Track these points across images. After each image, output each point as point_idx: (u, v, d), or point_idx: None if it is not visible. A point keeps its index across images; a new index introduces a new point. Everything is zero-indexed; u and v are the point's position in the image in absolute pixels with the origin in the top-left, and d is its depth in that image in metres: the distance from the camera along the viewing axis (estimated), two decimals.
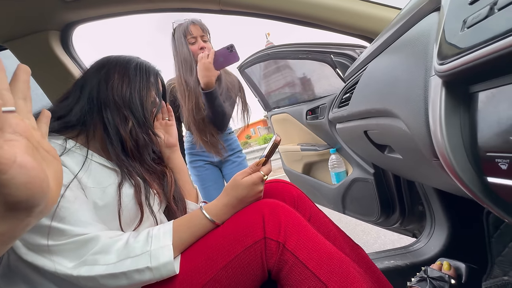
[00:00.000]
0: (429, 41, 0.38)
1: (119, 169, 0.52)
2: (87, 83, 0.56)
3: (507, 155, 0.24)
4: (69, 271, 0.40)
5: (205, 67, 0.94)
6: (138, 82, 0.57)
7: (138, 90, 0.57)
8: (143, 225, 0.54)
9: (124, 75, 0.57)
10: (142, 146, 0.55)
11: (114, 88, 0.55)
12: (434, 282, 0.63)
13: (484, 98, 0.27)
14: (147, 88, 0.58)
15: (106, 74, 0.57)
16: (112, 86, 0.55)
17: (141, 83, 0.58)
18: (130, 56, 0.62)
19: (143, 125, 0.56)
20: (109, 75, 0.57)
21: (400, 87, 0.44)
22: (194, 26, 1.05)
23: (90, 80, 0.57)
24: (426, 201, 0.92)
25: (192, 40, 1.06)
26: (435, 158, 0.34)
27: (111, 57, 0.61)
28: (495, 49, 0.24)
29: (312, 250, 0.46)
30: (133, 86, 0.56)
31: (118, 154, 0.53)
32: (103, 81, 0.56)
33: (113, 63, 0.59)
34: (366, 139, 0.70)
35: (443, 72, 0.30)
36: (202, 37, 1.07)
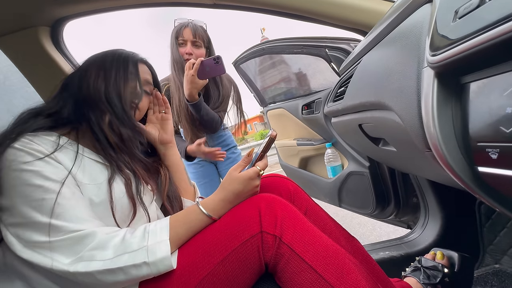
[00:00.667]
0: (421, 33, 0.38)
1: (109, 164, 0.52)
2: (71, 81, 0.56)
3: (497, 145, 0.24)
4: (65, 267, 0.40)
5: (187, 79, 0.93)
6: (114, 74, 0.55)
7: (114, 82, 0.55)
8: (140, 221, 0.53)
9: (100, 69, 0.56)
10: (127, 140, 0.54)
11: (90, 84, 0.54)
12: (428, 271, 0.65)
13: (475, 88, 0.28)
14: (124, 79, 0.56)
15: (84, 70, 0.56)
16: (89, 82, 0.54)
17: (117, 74, 0.55)
18: (112, 50, 0.60)
19: (122, 118, 0.54)
20: (86, 71, 0.56)
21: (393, 80, 0.44)
22: (186, 29, 1.04)
23: (73, 78, 0.56)
24: (420, 193, 0.94)
25: (182, 42, 1.05)
26: (427, 149, 0.34)
27: (96, 54, 0.60)
28: (486, 39, 0.24)
29: (308, 243, 0.47)
30: (108, 79, 0.55)
31: (106, 149, 0.52)
32: (82, 78, 0.55)
33: (93, 58, 0.58)
34: (361, 133, 0.70)
35: (435, 63, 0.30)
36: (193, 42, 1.05)
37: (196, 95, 0.97)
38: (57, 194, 0.42)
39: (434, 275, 0.64)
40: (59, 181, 0.43)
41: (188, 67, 0.93)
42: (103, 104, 0.53)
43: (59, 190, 0.42)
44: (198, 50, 1.06)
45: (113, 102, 0.53)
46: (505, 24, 0.23)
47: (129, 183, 0.52)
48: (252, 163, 0.56)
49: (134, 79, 0.57)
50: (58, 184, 0.43)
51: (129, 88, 0.57)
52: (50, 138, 0.48)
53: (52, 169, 0.44)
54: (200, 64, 0.91)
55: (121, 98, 0.54)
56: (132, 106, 0.58)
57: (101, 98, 0.53)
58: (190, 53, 1.04)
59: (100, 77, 0.55)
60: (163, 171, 0.63)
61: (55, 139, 0.49)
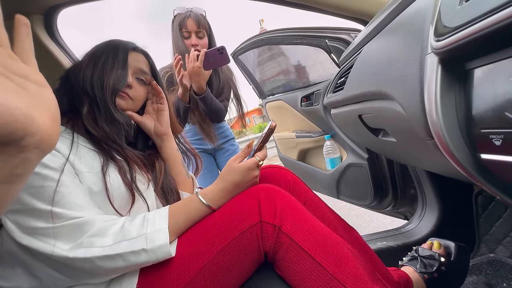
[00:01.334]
0: (425, 19, 0.38)
1: (101, 153, 0.51)
2: (69, 74, 0.55)
3: (501, 131, 0.24)
4: (65, 253, 0.40)
5: (194, 72, 0.92)
6: (101, 62, 0.54)
7: (100, 70, 0.54)
8: (140, 209, 0.53)
9: (91, 59, 0.55)
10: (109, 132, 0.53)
11: (81, 75, 0.53)
12: (424, 260, 0.66)
13: (480, 74, 0.27)
14: (111, 67, 0.54)
15: (80, 62, 0.55)
16: (79, 73, 0.54)
17: (105, 62, 0.54)
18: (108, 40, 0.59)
19: (102, 107, 0.53)
20: (81, 63, 0.55)
21: (395, 68, 0.44)
22: (189, 20, 1.01)
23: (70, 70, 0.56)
24: (418, 184, 0.94)
25: (186, 34, 1.03)
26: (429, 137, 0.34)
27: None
28: (493, 22, 0.24)
29: (307, 232, 0.47)
30: (95, 68, 0.54)
31: (95, 139, 0.52)
32: (77, 70, 0.54)
33: (90, 50, 0.57)
34: (361, 123, 0.70)
35: (439, 49, 0.29)
36: (197, 33, 1.03)
37: (204, 87, 0.96)
38: (56, 181, 0.42)
39: (430, 264, 0.65)
40: (58, 168, 0.43)
41: (192, 59, 0.91)
42: (86, 95, 0.52)
43: (58, 177, 0.42)
44: (202, 40, 1.04)
45: (95, 92, 0.52)
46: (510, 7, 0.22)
47: (123, 170, 0.52)
48: (252, 154, 0.56)
49: (120, 65, 0.56)
50: (56, 172, 0.42)
51: (115, 76, 0.54)
52: None
53: (51, 157, 0.43)
54: (204, 56, 0.90)
55: (103, 87, 0.53)
56: (122, 96, 0.57)
57: (85, 88, 0.52)
58: (195, 44, 1.02)
59: (89, 67, 0.54)
60: (158, 164, 0.62)
61: None
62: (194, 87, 0.96)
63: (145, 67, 0.61)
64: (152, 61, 0.64)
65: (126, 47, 0.58)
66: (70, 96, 0.53)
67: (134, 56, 0.59)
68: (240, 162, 0.55)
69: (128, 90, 0.58)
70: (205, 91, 0.97)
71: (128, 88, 0.58)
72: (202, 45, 1.04)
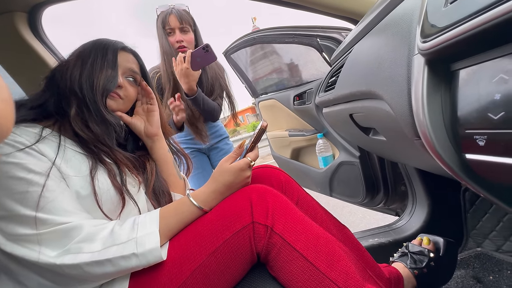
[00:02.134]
0: (412, 20, 0.38)
1: (91, 157, 0.50)
2: (55, 74, 0.53)
3: (484, 131, 0.24)
4: (52, 260, 0.39)
5: (182, 74, 0.91)
6: (90, 62, 0.53)
7: (88, 71, 0.52)
8: (130, 213, 0.52)
9: (78, 58, 0.53)
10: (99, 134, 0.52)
11: (68, 75, 0.52)
12: (414, 256, 0.67)
13: (465, 75, 0.28)
14: (100, 67, 0.53)
15: (67, 62, 0.54)
16: (67, 73, 0.52)
17: (93, 63, 0.53)
18: (96, 39, 0.57)
19: (93, 110, 0.51)
20: (68, 62, 0.53)
21: (384, 68, 0.44)
22: (171, 16, 1.00)
23: (57, 70, 0.54)
24: (408, 181, 0.96)
25: (170, 31, 1.02)
26: (416, 137, 0.35)
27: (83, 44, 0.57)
28: (477, 24, 0.24)
29: (299, 232, 0.47)
30: (83, 68, 0.52)
31: (83, 141, 0.51)
32: (64, 69, 0.53)
33: (78, 49, 0.55)
34: (352, 123, 0.71)
35: (425, 50, 0.29)
36: (181, 28, 1.02)
37: (195, 87, 0.95)
38: (41, 186, 0.40)
39: (420, 259, 0.66)
40: (43, 173, 0.42)
41: (179, 61, 0.91)
42: (75, 96, 0.51)
43: (43, 182, 0.41)
44: (187, 35, 1.03)
45: (85, 93, 0.51)
46: (495, 9, 0.22)
47: (112, 173, 0.51)
48: (243, 154, 0.56)
49: (110, 66, 0.54)
50: (42, 177, 0.41)
51: (105, 77, 0.53)
52: (33, 130, 0.46)
53: (35, 161, 0.42)
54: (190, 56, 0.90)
55: (93, 88, 0.52)
56: (113, 96, 0.56)
57: (74, 89, 0.51)
58: (180, 40, 1.01)
59: (77, 67, 0.52)
60: (149, 165, 0.61)
61: (38, 131, 0.47)
62: (184, 89, 0.95)
63: (135, 67, 0.60)
64: (141, 61, 0.63)
65: (115, 46, 0.57)
66: (56, 97, 0.52)
67: (124, 56, 0.58)
68: (231, 163, 0.54)
69: (119, 91, 0.57)
70: (196, 92, 0.97)
71: (119, 89, 0.56)
72: (188, 40, 1.03)
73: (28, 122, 0.48)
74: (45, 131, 0.47)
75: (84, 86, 0.51)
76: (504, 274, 0.74)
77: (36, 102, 0.51)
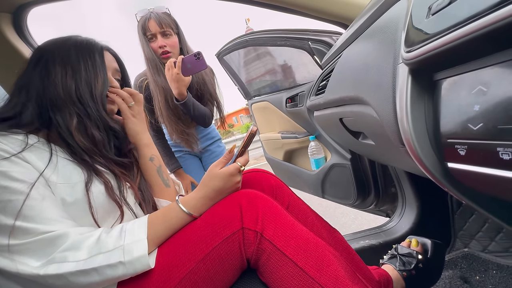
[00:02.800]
0: (398, 28, 0.39)
1: (85, 169, 0.49)
2: (31, 83, 0.50)
3: (465, 141, 0.25)
4: (35, 271, 0.38)
5: (173, 79, 0.90)
6: (82, 69, 0.51)
7: (85, 78, 0.51)
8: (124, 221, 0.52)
9: (66, 65, 0.51)
10: (99, 143, 0.50)
11: (58, 84, 0.49)
12: (403, 258, 0.68)
13: (447, 85, 0.28)
14: (94, 73, 0.52)
15: (46, 69, 0.50)
16: (55, 81, 0.50)
17: (86, 69, 0.51)
18: (66, 37, 0.54)
19: (96, 119, 0.50)
20: (49, 70, 0.50)
21: (371, 75, 0.45)
22: (151, 21, 0.97)
23: (33, 78, 0.50)
24: (398, 183, 0.97)
25: (151, 37, 0.99)
26: (401, 145, 0.35)
27: (46, 45, 0.54)
28: (457, 36, 0.25)
29: (289, 237, 0.47)
30: (78, 76, 0.50)
31: (78, 153, 0.49)
32: (46, 78, 0.50)
33: (50, 52, 0.52)
34: (342, 126, 0.71)
35: (409, 60, 0.30)
36: (162, 33, 0.98)
37: (185, 93, 0.94)
38: (24, 195, 0.39)
39: (409, 261, 0.67)
40: (27, 181, 0.41)
41: (170, 66, 0.90)
42: (73, 106, 0.49)
43: (27, 191, 0.40)
44: (169, 39, 1.00)
45: (85, 102, 0.50)
46: (474, 23, 0.23)
47: (109, 186, 0.50)
48: (233, 159, 0.56)
49: (102, 70, 0.54)
50: (25, 185, 0.40)
51: (100, 83, 0.53)
52: (17, 137, 0.45)
53: (20, 169, 0.41)
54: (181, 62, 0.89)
55: (93, 96, 0.51)
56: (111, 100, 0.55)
57: (72, 99, 0.49)
58: (163, 45, 0.98)
59: (68, 75, 0.50)
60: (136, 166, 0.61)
61: (23, 137, 0.45)
62: (175, 94, 0.95)
63: (116, 65, 0.60)
64: (119, 58, 0.62)
65: (99, 47, 0.56)
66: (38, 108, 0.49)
67: (108, 56, 0.58)
68: (221, 168, 0.54)
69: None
70: (186, 97, 0.96)
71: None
72: (170, 44, 1.00)
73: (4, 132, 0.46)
74: (30, 138, 0.46)
75: (84, 97, 0.50)
76: (490, 274, 0.76)
77: (8, 113, 0.49)
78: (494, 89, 0.22)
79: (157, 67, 0.99)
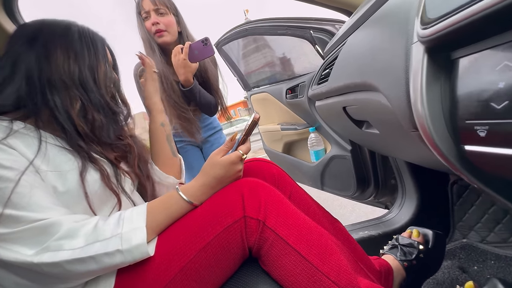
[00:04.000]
0: (411, 8, 0.37)
1: (79, 156, 0.47)
2: (20, 59, 0.48)
3: (486, 122, 0.23)
4: (29, 259, 0.36)
5: (179, 64, 0.89)
6: (86, 55, 0.51)
7: (89, 65, 0.51)
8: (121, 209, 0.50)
9: (68, 49, 0.50)
10: (99, 128, 0.50)
11: (60, 66, 0.48)
12: (404, 248, 0.68)
13: (466, 64, 0.27)
14: (97, 60, 0.52)
15: (45, 48, 0.49)
16: (57, 63, 0.48)
17: (89, 55, 0.51)
18: (68, 22, 0.53)
19: (99, 104, 0.50)
20: (49, 50, 0.49)
21: (380, 59, 0.43)
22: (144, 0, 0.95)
23: (24, 54, 0.48)
24: (398, 175, 0.97)
25: (145, 15, 0.96)
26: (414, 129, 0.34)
27: (44, 23, 0.52)
28: (478, 9, 0.23)
29: (291, 226, 0.46)
30: (81, 62, 0.50)
31: (74, 138, 0.48)
32: (44, 58, 0.48)
33: (51, 33, 0.50)
34: (345, 115, 0.70)
35: (426, 37, 0.28)
36: (156, 10, 0.95)
37: (191, 79, 0.93)
38: (13, 182, 0.38)
39: (410, 251, 0.67)
40: (15, 168, 0.39)
41: (177, 52, 0.88)
42: (77, 90, 0.48)
43: (15, 178, 0.38)
44: (164, 17, 0.96)
45: (89, 88, 0.49)
46: None
47: (105, 174, 0.49)
48: (235, 147, 0.54)
49: (103, 59, 0.54)
50: (13, 171, 0.38)
51: (102, 70, 0.53)
52: (1, 123, 0.43)
53: (6, 156, 0.39)
54: (188, 48, 0.88)
55: (96, 82, 0.51)
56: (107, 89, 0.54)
57: (75, 83, 0.48)
58: (155, 22, 0.95)
59: (71, 59, 0.49)
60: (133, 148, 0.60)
61: (7, 124, 0.43)
62: (181, 80, 0.93)
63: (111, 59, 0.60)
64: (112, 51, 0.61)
65: (101, 38, 0.56)
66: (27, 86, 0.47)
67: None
68: (222, 156, 0.53)
69: None
70: (192, 83, 0.94)
71: None
72: (165, 23, 0.96)
73: None
74: (15, 124, 0.44)
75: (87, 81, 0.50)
76: (488, 264, 0.77)
77: None
78: None
79: (151, 47, 0.96)
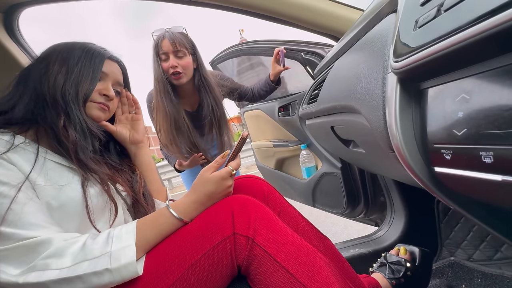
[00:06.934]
0: (387, 41, 0.41)
1: (79, 168, 0.48)
2: (30, 77, 0.50)
3: (450, 146, 0.26)
4: (13, 279, 0.36)
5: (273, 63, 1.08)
6: (78, 70, 0.51)
7: (74, 79, 0.50)
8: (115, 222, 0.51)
9: (63, 64, 0.51)
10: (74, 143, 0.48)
11: (50, 81, 0.49)
12: (392, 266, 0.69)
13: (432, 93, 0.30)
14: (86, 75, 0.52)
15: (46, 65, 0.51)
16: (49, 77, 0.49)
17: (82, 70, 0.51)
18: (77, 42, 0.55)
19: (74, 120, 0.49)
20: (48, 66, 0.50)
21: (361, 84, 0.47)
22: (164, 41, 0.94)
23: (33, 72, 0.50)
24: (387, 192, 0.99)
25: (164, 56, 0.96)
26: (391, 150, 0.36)
27: (59, 44, 0.54)
28: (441, 47, 0.26)
29: (280, 243, 0.47)
30: (69, 76, 0.50)
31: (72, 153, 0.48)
32: (43, 74, 0.50)
33: (57, 51, 0.52)
34: (333, 135, 0.73)
35: (398, 69, 0.32)
36: (176, 52, 0.94)
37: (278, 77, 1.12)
38: (9, 198, 0.38)
39: (397, 269, 0.68)
40: (12, 183, 0.39)
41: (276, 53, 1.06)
42: (59, 104, 0.48)
43: (11, 194, 0.38)
44: (182, 60, 0.96)
45: (67, 102, 0.49)
46: (455, 36, 0.24)
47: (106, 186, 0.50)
48: (225, 164, 0.56)
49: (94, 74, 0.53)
50: (9, 188, 0.39)
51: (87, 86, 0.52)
52: (3, 137, 0.44)
53: (4, 171, 0.40)
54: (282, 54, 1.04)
55: (78, 98, 0.50)
56: (103, 108, 0.55)
57: (56, 97, 0.48)
58: (174, 65, 0.94)
59: (61, 73, 0.50)
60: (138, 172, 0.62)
61: (9, 138, 0.44)
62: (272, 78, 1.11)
63: (121, 77, 0.60)
64: (125, 70, 0.63)
65: (103, 55, 0.56)
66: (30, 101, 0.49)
67: (111, 66, 0.57)
68: (212, 172, 0.54)
69: (109, 103, 0.56)
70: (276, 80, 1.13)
71: (109, 101, 0.56)
72: (183, 65, 0.96)
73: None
74: (17, 138, 0.45)
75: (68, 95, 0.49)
76: (475, 282, 0.78)
77: (3, 107, 0.48)
78: (476, 97, 0.24)
79: (164, 88, 0.96)
